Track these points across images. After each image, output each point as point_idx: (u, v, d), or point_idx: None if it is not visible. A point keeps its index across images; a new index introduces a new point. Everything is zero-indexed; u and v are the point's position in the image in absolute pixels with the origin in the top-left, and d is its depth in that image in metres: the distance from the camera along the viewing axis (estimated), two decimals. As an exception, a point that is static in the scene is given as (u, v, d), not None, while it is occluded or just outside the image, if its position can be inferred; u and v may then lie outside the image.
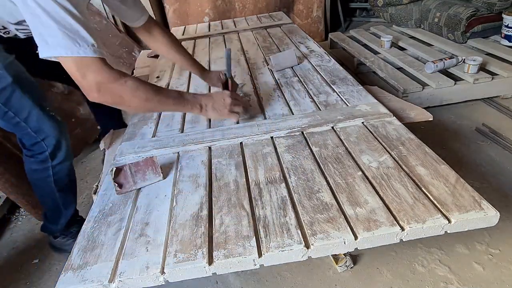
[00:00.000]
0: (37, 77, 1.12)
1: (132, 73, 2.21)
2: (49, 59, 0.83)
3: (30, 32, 0.83)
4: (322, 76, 1.48)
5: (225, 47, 2.05)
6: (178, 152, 1.09)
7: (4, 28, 1.00)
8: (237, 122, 1.19)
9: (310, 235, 0.72)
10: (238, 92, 1.37)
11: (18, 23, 0.98)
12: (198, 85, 1.57)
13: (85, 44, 0.82)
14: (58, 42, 0.79)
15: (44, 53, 0.82)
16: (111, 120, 1.59)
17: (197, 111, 1.07)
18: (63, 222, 1.29)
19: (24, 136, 1.08)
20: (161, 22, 3.64)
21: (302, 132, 1.10)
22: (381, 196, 0.80)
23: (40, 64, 0.96)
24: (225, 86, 1.34)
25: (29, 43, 0.93)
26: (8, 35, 1.04)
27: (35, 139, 1.07)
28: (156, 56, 2.21)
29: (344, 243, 0.71)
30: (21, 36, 1.05)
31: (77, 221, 1.33)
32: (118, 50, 2.72)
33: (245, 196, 0.86)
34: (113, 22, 2.91)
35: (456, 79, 1.92)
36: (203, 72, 1.44)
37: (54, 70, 0.98)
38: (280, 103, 1.30)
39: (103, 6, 3.12)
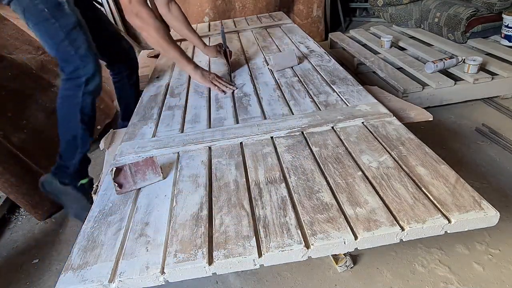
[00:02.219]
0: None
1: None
2: None
3: None
4: (322, 76, 1.48)
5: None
6: (178, 152, 1.09)
7: None
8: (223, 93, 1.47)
9: (310, 235, 0.72)
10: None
11: None
12: (198, 85, 1.57)
13: None
14: None
15: None
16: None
17: (189, 69, 1.50)
18: (77, 160, 1.35)
19: (69, 62, 1.30)
20: (162, 22, 3.64)
21: (302, 132, 1.10)
22: (381, 196, 0.80)
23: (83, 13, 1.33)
24: (224, 55, 1.70)
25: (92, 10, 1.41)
26: None
27: (79, 65, 1.29)
28: (156, 56, 2.21)
29: (344, 243, 0.71)
30: None
31: (87, 166, 1.43)
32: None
33: (245, 196, 0.86)
34: (113, 22, 2.91)
35: (456, 79, 1.92)
36: (205, 46, 1.87)
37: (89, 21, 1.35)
38: (280, 103, 1.30)
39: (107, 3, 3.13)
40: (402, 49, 2.40)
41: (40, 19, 1.25)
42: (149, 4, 1.28)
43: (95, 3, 1.59)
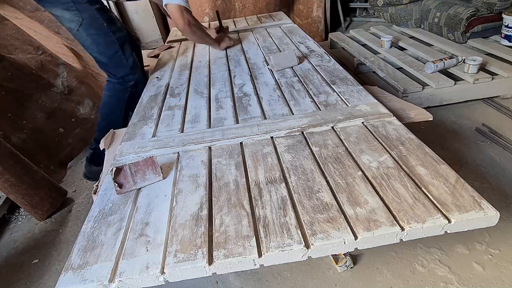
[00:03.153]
0: None
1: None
2: (165, 5, 1.60)
3: None
4: (322, 76, 1.48)
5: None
6: (178, 152, 1.09)
7: None
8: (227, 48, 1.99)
9: (310, 235, 0.72)
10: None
11: None
12: (198, 85, 1.57)
13: (188, 3, 1.61)
14: None
15: (166, 1, 1.58)
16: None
17: (217, 47, 1.98)
18: None
19: (120, 69, 1.60)
20: (162, 22, 3.64)
21: (302, 132, 1.10)
22: (381, 196, 0.80)
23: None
24: (221, 31, 2.10)
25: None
26: None
27: (129, 72, 1.61)
28: (156, 56, 2.21)
29: (344, 243, 0.71)
30: None
31: None
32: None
33: (245, 196, 0.86)
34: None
35: (456, 79, 1.92)
36: (206, 29, 2.04)
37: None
38: (280, 103, 1.30)
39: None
40: (402, 49, 2.40)
41: (99, 31, 1.48)
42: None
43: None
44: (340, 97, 1.29)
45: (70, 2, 1.40)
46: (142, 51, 2.66)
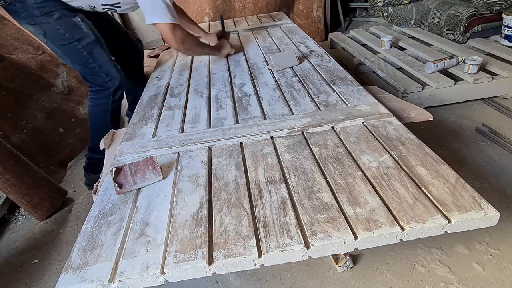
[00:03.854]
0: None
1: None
2: (151, 24, 1.44)
3: (110, 8, 1.50)
4: (322, 76, 1.48)
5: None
6: (178, 152, 1.09)
7: (93, 6, 1.47)
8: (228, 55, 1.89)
9: (310, 235, 0.72)
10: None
11: (110, 5, 1.49)
12: (198, 85, 1.57)
13: (175, 16, 1.45)
14: (164, 14, 1.40)
15: (150, 20, 1.43)
16: None
17: (217, 54, 1.86)
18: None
19: (96, 77, 1.52)
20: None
21: (302, 132, 1.10)
22: (381, 196, 0.80)
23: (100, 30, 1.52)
24: (222, 37, 2.01)
25: (98, 15, 1.55)
26: (94, 9, 1.49)
27: (105, 79, 1.52)
28: (156, 56, 2.21)
29: (344, 243, 0.71)
30: (100, 10, 1.51)
31: None
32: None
33: (245, 196, 0.86)
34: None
35: (456, 79, 1.92)
36: (206, 34, 2.02)
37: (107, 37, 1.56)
38: (280, 103, 1.30)
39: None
40: (402, 49, 2.40)
41: (63, 42, 1.42)
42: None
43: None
44: (340, 97, 1.29)
45: (29, 17, 1.37)
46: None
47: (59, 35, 1.40)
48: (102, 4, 1.48)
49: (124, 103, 1.84)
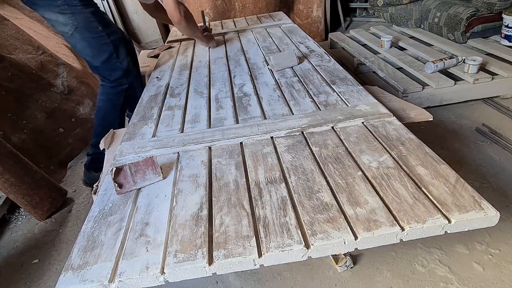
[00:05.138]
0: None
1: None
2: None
3: None
4: (322, 76, 1.48)
5: (225, 46, 2.05)
6: (178, 152, 1.09)
7: None
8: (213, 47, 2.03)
9: (310, 235, 0.72)
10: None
11: None
12: (198, 84, 1.57)
13: None
14: None
15: None
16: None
17: (204, 43, 2.02)
18: None
19: (114, 73, 1.58)
20: (162, 22, 3.64)
21: (302, 132, 1.10)
22: (381, 196, 0.80)
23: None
24: (206, 31, 2.09)
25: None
26: None
27: (122, 74, 1.59)
28: (156, 56, 2.22)
29: (344, 243, 0.71)
30: None
31: None
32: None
33: (245, 196, 0.86)
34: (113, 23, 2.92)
35: (456, 79, 1.92)
36: None
37: None
38: (280, 103, 1.30)
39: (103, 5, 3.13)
40: (402, 49, 2.40)
41: (93, 34, 1.47)
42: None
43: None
44: (340, 97, 1.29)
45: (65, 5, 1.38)
46: (142, 51, 2.66)
47: (91, 27, 1.45)
48: None
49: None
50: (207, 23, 2.28)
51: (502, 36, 2.21)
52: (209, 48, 2.04)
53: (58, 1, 1.37)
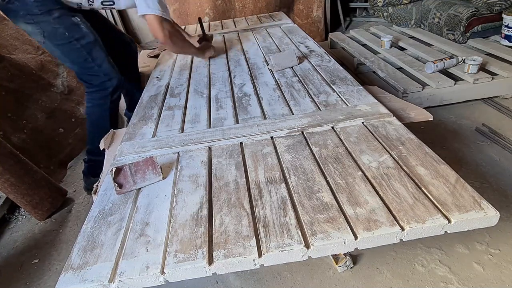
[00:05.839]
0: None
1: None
2: (143, 16, 1.46)
3: (109, 3, 1.52)
4: (322, 76, 1.48)
5: (225, 46, 2.05)
6: (178, 152, 1.09)
7: (91, 1, 1.49)
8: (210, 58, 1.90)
9: (310, 235, 0.72)
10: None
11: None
12: (198, 85, 1.57)
13: (166, 11, 1.47)
14: (156, 6, 1.42)
15: (143, 11, 1.44)
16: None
17: (201, 56, 1.87)
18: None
19: (94, 77, 1.51)
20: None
21: (302, 132, 1.10)
22: (381, 196, 0.80)
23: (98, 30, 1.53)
24: (204, 40, 2.00)
25: (93, 15, 1.59)
26: (92, 7, 1.51)
27: (103, 79, 1.52)
28: (156, 56, 2.22)
29: (344, 243, 0.71)
30: (98, 5, 1.53)
31: None
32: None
33: (245, 196, 0.86)
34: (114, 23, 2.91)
35: (456, 79, 1.92)
36: (189, 36, 2.02)
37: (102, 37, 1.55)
38: (280, 103, 1.30)
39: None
40: (402, 49, 2.40)
41: (63, 41, 1.42)
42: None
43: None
44: (340, 97, 1.29)
45: (27, 15, 1.35)
46: (142, 51, 2.66)
47: (58, 34, 1.40)
48: None
49: (122, 103, 1.84)
50: (206, 30, 2.20)
51: (502, 36, 2.21)
52: (209, 59, 1.89)
53: (21, 12, 1.34)
